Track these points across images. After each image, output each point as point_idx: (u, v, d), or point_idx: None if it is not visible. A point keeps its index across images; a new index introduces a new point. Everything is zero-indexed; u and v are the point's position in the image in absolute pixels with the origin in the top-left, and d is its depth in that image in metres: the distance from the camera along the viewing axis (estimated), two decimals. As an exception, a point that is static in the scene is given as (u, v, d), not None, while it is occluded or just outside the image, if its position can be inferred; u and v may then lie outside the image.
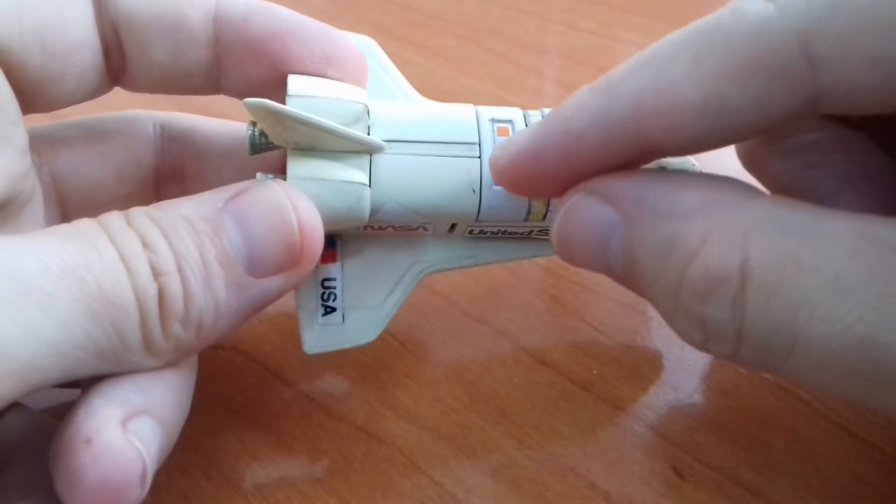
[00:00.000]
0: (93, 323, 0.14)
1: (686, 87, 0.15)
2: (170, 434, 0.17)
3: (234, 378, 0.22)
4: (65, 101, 0.19)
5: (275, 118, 0.17)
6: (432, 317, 0.24)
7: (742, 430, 0.21)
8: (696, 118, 0.15)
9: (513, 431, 0.21)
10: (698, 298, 0.15)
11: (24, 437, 0.18)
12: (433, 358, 0.23)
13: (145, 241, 0.15)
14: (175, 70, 0.20)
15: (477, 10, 0.47)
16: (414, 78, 0.22)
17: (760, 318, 0.14)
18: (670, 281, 0.15)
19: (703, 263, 0.14)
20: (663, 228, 0.15)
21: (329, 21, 0.20)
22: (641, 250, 0.16)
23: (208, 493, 0.19)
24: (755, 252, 0.14)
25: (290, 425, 0.21)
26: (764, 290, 0.14)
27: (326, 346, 0.20)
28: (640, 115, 0.15)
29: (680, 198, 0.15)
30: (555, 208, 0.19)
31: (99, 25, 0.19)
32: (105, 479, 0.14)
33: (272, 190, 0.17)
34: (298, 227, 0.17)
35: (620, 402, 0.21)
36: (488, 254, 0.22)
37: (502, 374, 0.22)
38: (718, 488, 0.19)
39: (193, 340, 0.16)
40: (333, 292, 0.20)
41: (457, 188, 0.19)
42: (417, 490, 0.19)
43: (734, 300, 0.14)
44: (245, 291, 0.16)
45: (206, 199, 0.16)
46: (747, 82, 0.14)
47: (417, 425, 0.21)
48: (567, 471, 0.20)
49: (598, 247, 0.17)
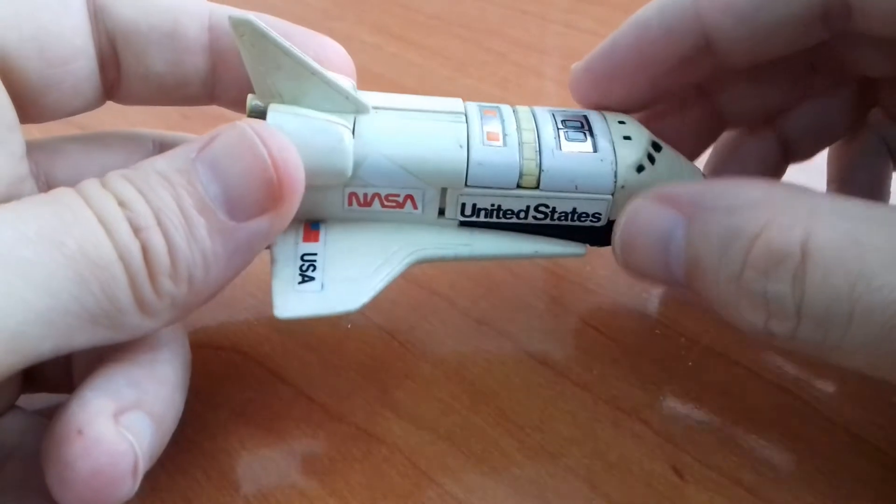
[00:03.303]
0: (79, 287, 0.14)
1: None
2: (163, 430, 0.17)
3: (234, 378, 0.22)
4: (61, 111, 0.19)
5: (260, 44, 0.17)
6: (432, 317, 0.24)
7: (742, 431, 0.21)
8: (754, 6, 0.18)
9: (513, 432, 0.21)
10: (760, 276, 0.16)
11: (20, 439, 0.18)
12: (433, 358, 0.23)
13: (121, 199, 0.15)
14: (171, 79, 0.20)
15: (477, 10, 0.47)
16: (414, 78, 0.22)
17: (820, 291, 0.15)
18: (733, 267, 0.16)
19: (765, 242, 0.15)
20: (725, 220, 0.16)
21: (330, 21, 0.20)
22: (704, 245, 0.17)
23: (208, 492, 0.19)
24: (816, 231, 0.15)
25: (290, 425, 0.21)
26: (823, 265, 0.15)
27: (301, 310, 0.18)
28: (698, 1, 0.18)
29: (740, 193, 0.17)
30: (617, 221, 0.19)
31: (95, 36, 0.19)
32: (96, 471, 0.14)
33: (241, 130, 0.16)
34: (273, 163, 0.16)
35: (620, 403, 0.21)
36: (484, 244, 0.21)
37: (502, 374, 0.22)
38: (718, 489, 0.19)
39: (187, 295, 0.16)
40: (313, 264, 0.19)
41: (444, 144, 0.19)
42: (417, 490, 0.19)
43: (795, 275, 0.15)
44: (230, 237, 0.16)
45: (179, 152, 0.16)
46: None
47: (417, 425, 0.21)
48: (567, 471, 0.20)
49: (661, 249, 0.18)
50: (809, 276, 0.15)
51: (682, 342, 0.23)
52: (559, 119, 0.20)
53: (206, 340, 0.23)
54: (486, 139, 0.19)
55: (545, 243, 0.21)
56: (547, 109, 0.21)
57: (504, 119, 0.20)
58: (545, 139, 0.19)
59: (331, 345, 0.23)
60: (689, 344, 0.23)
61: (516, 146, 0.19)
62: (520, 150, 0.19)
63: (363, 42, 0.41)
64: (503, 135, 0.19)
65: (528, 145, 0.19)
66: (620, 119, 0.20)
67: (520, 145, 0.19)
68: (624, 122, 0.20)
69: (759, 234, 0.16)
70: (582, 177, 0.19)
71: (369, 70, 0.36)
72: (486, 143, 0.19)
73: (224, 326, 0.24)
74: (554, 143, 0.19)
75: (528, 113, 0.20)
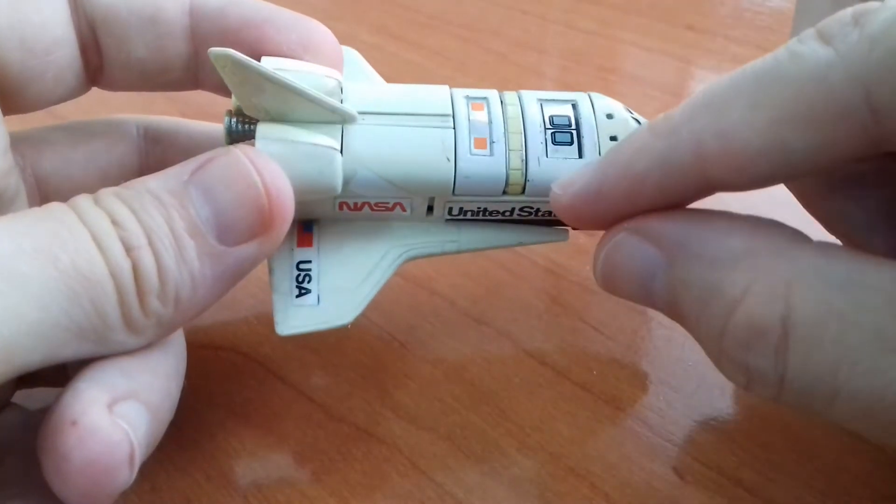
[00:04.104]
0: (71, 302, 0.14)
1: (747, 132, 0.15)
2: (158, 419, 0.17)
3: (235, 379, 0.22)
4: (44, 101, 0.19)
5: (242, 73, 0.17)
6: (433, 317, 0.24)
7: (742, 431, 0.21)
8: (758, 162, 0.15)
9: (513, 432, 0.21)
10: (741, 346, 0.15)
11: (18, 435, 0.18)
12: (433, 358, 0.23)
13: (114, 218, 0.15)
14: (153, 65, 0.20)
15: (477, 10, 0.47)
16: (414, 78, 0.22)
17: (802, 369, 0.14)
18: (713, 327, 0.15)
19: (745, 314, 0.15)
20: (707, 275, 0.16)
21: (329, 22, 0.20)
22: (684, 293, 0.16)
23: (208, 492, 0.19)
24: (797, 305, 0.14)
25: (290, 426, 0.21)
26: (806, 343, 0.14)
27: (300, 327, 0.19)
28: (701, 159, 0.16)
29: (723, 243, 0.16)
30: (599, 244, 0.19)
31: (76, 23, 0.19)
32: (92, 460, 0.14)
33: (235, 156, 0.17)
34: (265, 191, 0.16)
35: (620, 403, 0.21)
36: (471, 238, 0.21)
37: (502, 374, 0.22)
38: (718, 489, 0.19)
39: (173, 314, 0.16)
40: (309, 274, 0.20)
41: (431, 157, 0.19)
42: (417, 490, 0.19)
43: (776, 350, 0.15)
44: (219, 260, 0.16)
45: (172, 174, 0.16)
46: (809, 129, 0.15)
47: (417, 426, 0.21)
48: (567, 471, 0.20)
49: (642, 285, 0.17)
50: (791, 353, 0.14)
51: (682, 343, 0.23)
52: (547, 115, 0.20)
53: (206, 341, 0.23)
54: (473, 148, 0.19)
55: (528, 233, 0.21)
56: (536, 98, 0.20)
57: (492, 118, 0.20)
58: (532, 144, 0.19)
59: (330, 345, 0.23)
60: (689, 345, 0.23)
61: (503, 155, 0.19)
62: (506, 160, 0.19)
63: (363, 42, 0.41)
64: (490, 142, 0.19)
65: (515, 153, 0.19)
66: (608, 112, 0.20)
67: (507, 153, 0.19)
68: (612, 115, 0.20)
69: (740, 300, 0.15)
70: None
71: (369, 70, 0.36)
72: (472, 153, 0.19)
73: (224, 327, 0.24)
74: (541, 149, 0.19)
75: (517, 108, 0.20)
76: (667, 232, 0.17)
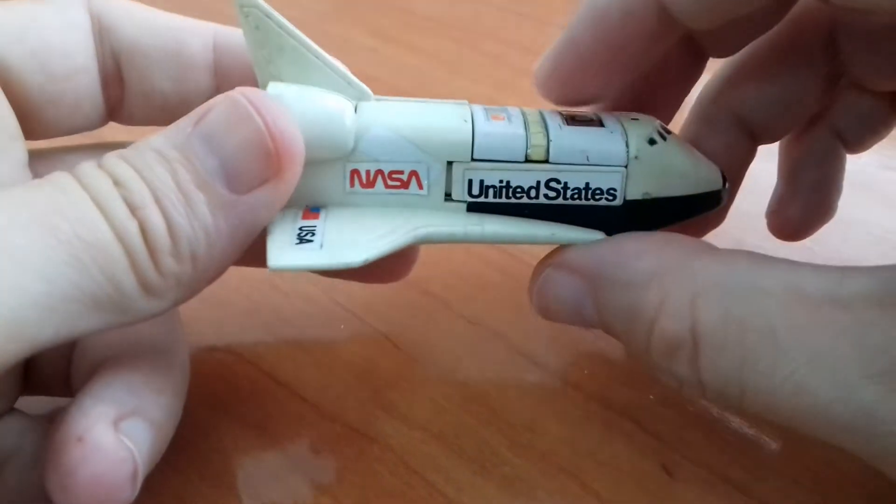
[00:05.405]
0: (77, 272, 0.14)
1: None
2: (161, 437, 0.17)
3: (228, 379, 0.22)
4: (61, 128, 0.19)
5: (265, 26, 0.17)
6: (426, 318, 0.24)
7: (731, 428, 0.21)
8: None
9: (504, 431, 0.21)
10: (665, 358, 0.17)
11: (19, 441, 0.18)
12: (426, 358, 0.23)
13: (116, 179, 0.15)
14: (175, 97, 0.20)
15: (472, 12, 0.47)
16: (409, 80, 0.22)
17: (714, 373, 0.16)
18: (640, 342, 0.17)
19: (661, 330, 0.17)
20: (625, 298, 0.18)
21: (326, 25, 0.21)
22: (611, 318, 0.18)
23: (202, 492, 0.19)
24: (702, 317, 0.16)
25: (283, 426, 0.21)
26: (713, 350, 0.16)
27: (297, 261, 0.17)
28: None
29: (635, 267, 0.18)
30: (531, 281, 0.20)
31: (99, 54, 0.19)
32: (96, 477, 0.15)
33: (234, 100, 0.16)
34: (269, 132, 0.16)
35: (611, 402, 0.22)
36: (495, 225, 0.19)
37: (494, 374, 0.22)
38: (708, 486, 0.19)
39: (192, 273, 0.16)
40: (312, 230, 0.18)
41: (448, 118, 0.19)
42: (409, 489, 0.19)
43: (691, 360, 0.17)
44: (232, 210, 0.16)
45: (175, 129, 0.16)
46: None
47: (410, 425, 0.21)
48: (558, 470, 0.20)
49: (576, 312, 0.19)
50: (702, 360, 0.16)
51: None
52: (566, 116, 0.20)
53: (200, 341, 0.23)
54: (491, 118, 0.19)
55: (561, 228, 0.20)
56: (557, 112, 0.20)
57: (510, 113, 0.20)
58: (551, 121, 0.19)
59: (324, 345, 0.23)
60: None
61: (521, 123, 0.19)
62: (525, 126, 0.19)
63: (359, 45, 0.41)
64: (508, 116, 0.19)
65: (534, 122, 0.19)
66: (634, 116, 0.20)
67: (525, 123, 0.19)
68: (637, 118, 0.20)
69: (656, 318, 0.17)
70: (593, 147, 0.19)
71: (365, 73, 0.36)
72: (489, 120, 0.19)
73: (218, 327, 0.24)
74: (560, 121, 0.19)
75: (537, 113, 0.20)
76: (585, 262, 0.19)
